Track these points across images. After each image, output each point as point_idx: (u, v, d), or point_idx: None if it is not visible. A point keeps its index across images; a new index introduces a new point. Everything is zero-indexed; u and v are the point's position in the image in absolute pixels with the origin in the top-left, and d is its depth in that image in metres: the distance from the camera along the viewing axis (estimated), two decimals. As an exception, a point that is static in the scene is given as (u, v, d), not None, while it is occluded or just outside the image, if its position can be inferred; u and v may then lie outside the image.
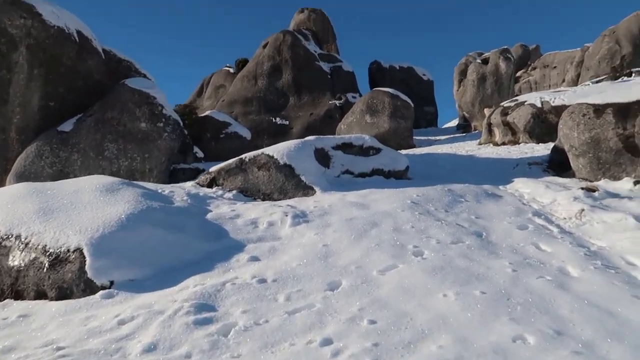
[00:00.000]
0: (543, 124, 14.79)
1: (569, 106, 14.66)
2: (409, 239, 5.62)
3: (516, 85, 32.82)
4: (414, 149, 19.09)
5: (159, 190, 7.58)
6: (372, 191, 7.96)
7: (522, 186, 9.04)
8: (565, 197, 7.60)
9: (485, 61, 26.12)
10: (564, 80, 32.54)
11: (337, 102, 26.40)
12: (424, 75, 32.05)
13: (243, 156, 8.67)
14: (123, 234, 5.24)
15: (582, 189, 7.80)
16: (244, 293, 4.33)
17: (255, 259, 5.26)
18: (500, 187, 9.19)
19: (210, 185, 8.57)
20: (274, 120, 26.99)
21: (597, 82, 22.85)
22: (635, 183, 8.29)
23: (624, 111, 8.90)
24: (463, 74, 29.37)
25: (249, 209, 6.98)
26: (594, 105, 9.42)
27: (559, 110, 14.63)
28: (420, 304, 3.95)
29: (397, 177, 10.00)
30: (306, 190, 8.07)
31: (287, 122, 26.78)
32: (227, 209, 7.07)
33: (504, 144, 15.95)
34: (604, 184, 8.67)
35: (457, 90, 29.76)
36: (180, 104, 24.67)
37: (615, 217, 6.37)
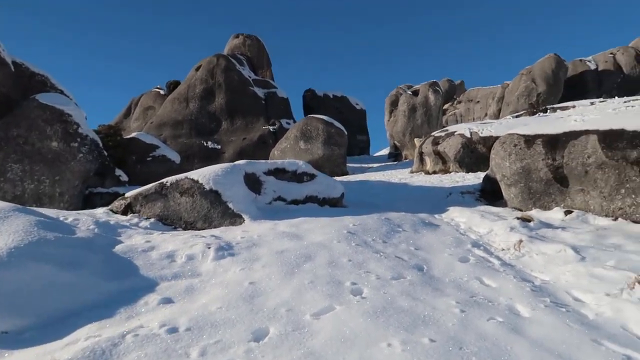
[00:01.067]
0: (472, 154, 14.98)
1: (497, 137, 14.98)
2: (346, 275, 4.99)
3: (443, 117, 33.92)
4: (348, 176, 18.79)
5: (61, 218, 6.47)
6: (306, 220, 7.31)
7: (458, 215, 8.77)
8: (502, 227, 7.35)
9: (415, 93, 26.70)
10: (486, 114, 34.08)
11: (271, 128, 25.81)
12: (357, 104, 32.35)
13: (164, 180, 7.74)
14: (1, 274, 4.19)
15: (518, 218, 7.60)
16: (147, 347, 3.46)
17: (167, 301, 4.38)
18: (436, 215, 8.88)
19: (125, 212, 7.54)
20: (205, 144, 25.91)
21: (517, 116, 23.94)
22: (566, 213, 8.25)
23: (553, 142, 8.94)
24: (394, 104, 29.89)
25: (167, 240, 6.07)
26: (524, 135, 9.43)
27: (487, 140, 14.91)
28: (361, 357, 3.29)
29: (332, 204, 9.45)
30: (234, 218, 7.27)
31: (219, 147, 25.79)
32: (141, 239, 6.11)
33: (435, 172, 16.01)
34: (536, 213, 8.59)
35: (389, 121, 30.20)
36: (104, 125, 23.06)
37: (554, 249, 6.12)
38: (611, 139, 8.16)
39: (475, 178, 13.05)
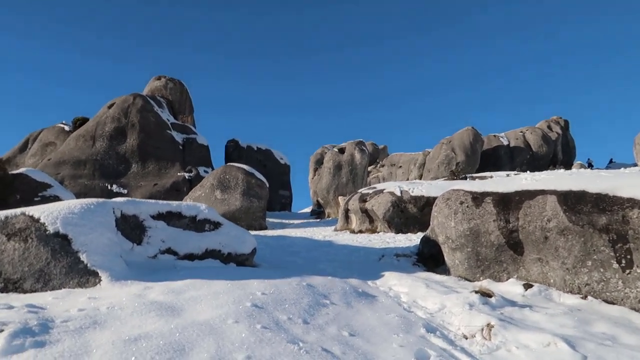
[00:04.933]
0: (402, 214, 13.42)
1: (428, 197, 13.63)
2: (237, 392, 2.73)
3: (367, 179, 33.06)
4: (266, 230, 16.53)
5: None
6: (195, 283, 4.97)
7: (397, 283, 6.84)
8: (457, 304, 5.48)
9: (341, 151, 25.52)
10: (408, 179, 33.71)
11: (186, 175, 23.15)
12: (281, 158, 30.62)
13: (-13, 216, 5.12)
14: None
15: (476, 292, 5.78)
16: None
17: None
18: (370, 282, 6.90)
19: None
20: (109, 188, 22.58)
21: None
22: (526, 287, 6.59)
23: (506, 201, 7.45)
24: (319, 162, 28.51)
25: None
26: (472, 192, 7.91)
27: (418, 200, 13.48)
28: None
29: (239, 262, 7.16)
30: (85, 277, 4.77)
31: (126, 191, 22.57)
32: None
33: (361, 232, 14.24)
34: (487, 284, 6.88)
35: (312, 178, 28.64)
36: (-17, 156, 19.27)
37: (539, 340, 4.28)
38: (573, 201, 6.78)
39: (406, 240, 11.36)
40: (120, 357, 2.98)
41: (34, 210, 5.15)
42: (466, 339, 4.59)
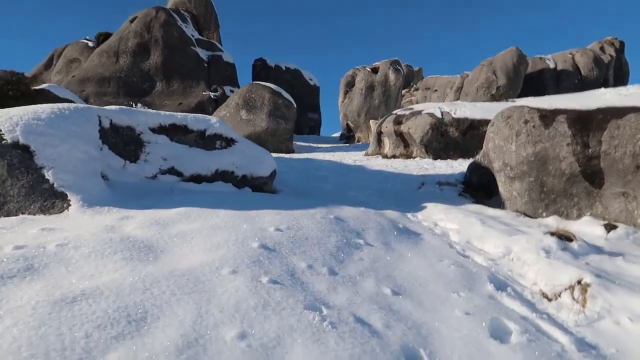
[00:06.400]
0: (442, 138, 11.84)
1: (473, 119, 11.96)
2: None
3: (401, 102, 30.95)
4: (293, 154, 15.32)
5: None
6: (191, 213, 3.78)
7: (444, 218, 5.55)
8: (528, 249, 4.15)
9: (374, 70, 23.43)
10: (443, 104, 31.44)
11: (211, 94, 21.77)
12: (310, 79, 28.67)
13: None
14: None
15: (552, 234, 4.42)
16: None
17: None
18: (410, 215, 5.63)
19: None
20: (134, 106, 21.48)
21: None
22: (608, 228, 5.19)
23: (585, 121, 5.86)
24: (349, 85, 26.51)
25: None
26: (540, 110, 6.31)
27: (461, 123, 11.83)
28: None
29: (255, 187, 5.96)
30: (51, 200, 3.63)
31: (151, 110, 21.50)
32: None
33: (394, 156, 12.81)
34: (554, 222, 5.52)
35: (343, 102, 26.84)
36: (3, 70, 18.23)
37: (662, 309, 2.96)
38: (679, 121, 5.17)
39: (447, 166, 9.94)
40: (36, 333, 1.82)
41: (-10, 115, 3.95)
42: (549, 300, 3.32)
